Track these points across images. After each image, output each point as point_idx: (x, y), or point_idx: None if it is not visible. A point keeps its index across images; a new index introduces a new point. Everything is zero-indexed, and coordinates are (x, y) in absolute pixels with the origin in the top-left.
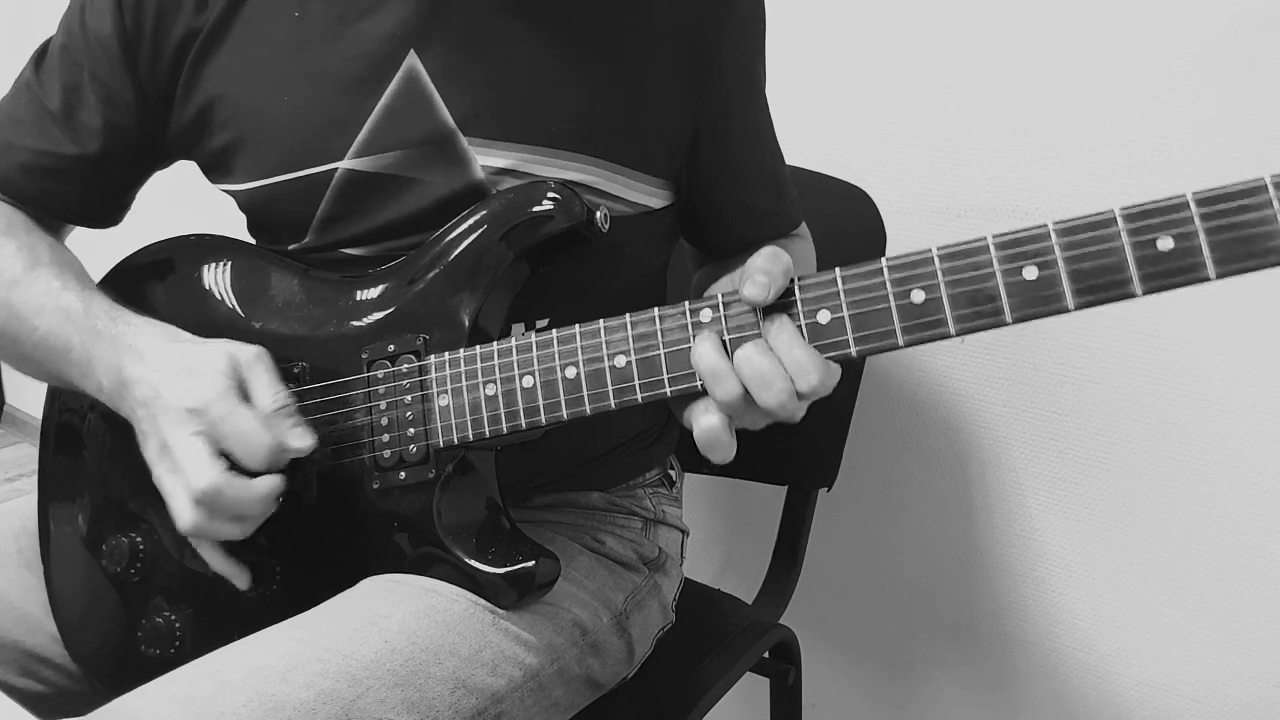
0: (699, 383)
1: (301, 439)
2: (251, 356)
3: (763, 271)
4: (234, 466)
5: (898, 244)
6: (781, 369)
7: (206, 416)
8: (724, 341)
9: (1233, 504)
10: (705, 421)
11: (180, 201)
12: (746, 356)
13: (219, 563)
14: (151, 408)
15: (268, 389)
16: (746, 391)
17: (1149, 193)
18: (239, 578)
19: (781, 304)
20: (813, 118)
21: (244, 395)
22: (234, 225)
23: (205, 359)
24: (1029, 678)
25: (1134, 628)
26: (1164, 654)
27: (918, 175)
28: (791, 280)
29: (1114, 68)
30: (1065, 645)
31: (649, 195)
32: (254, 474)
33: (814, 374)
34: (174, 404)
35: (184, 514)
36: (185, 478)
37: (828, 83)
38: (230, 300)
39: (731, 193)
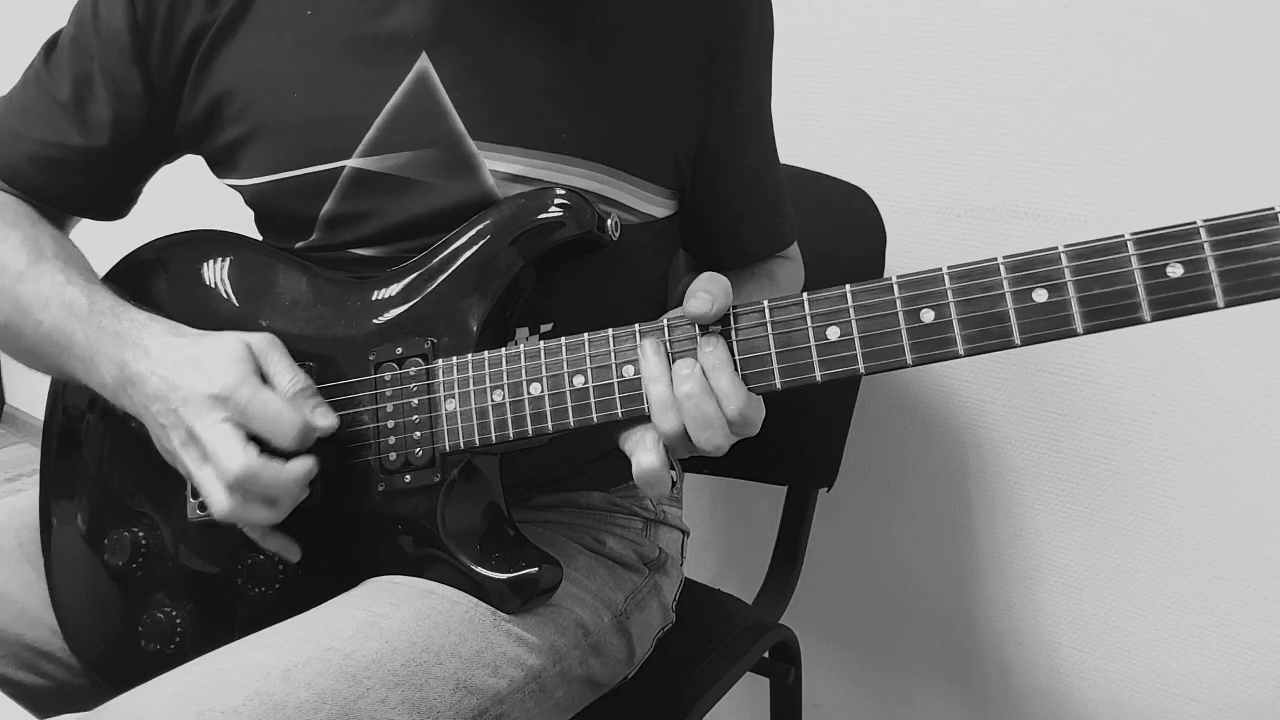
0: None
1: (326, 418)
2: (266, 343)
3: (705, 289)
4: (264, 451)
5: (898, 244)
6: (711, 394)
7: (232, 402)
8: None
9: (1233, 504)
10: (645, 460)
11: (183, 196)
12: (683, 376)
13: (266, 540)
14: (169, 400)
15: (286, 372)
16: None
17: (1149, 192)
18: (290, 550)
19: (718, 329)
20: (813, 117)
21: (263, 380)
22: (236, 221)
23: (218, 348)
24: (1029, 677)
25: (1134, 627)
26: (1164, 654)
27: (918, 175)
28: (745, 305)
29: (1114, 67)
30: (1065, 645)
31: (654, 205)
32: (285, 458)
33: (734, 401)
34: (196, 393)
35: (219, 501)
36: (218, 464)
37: (828, 82)
38: (237, 298)
39: (739, 205)
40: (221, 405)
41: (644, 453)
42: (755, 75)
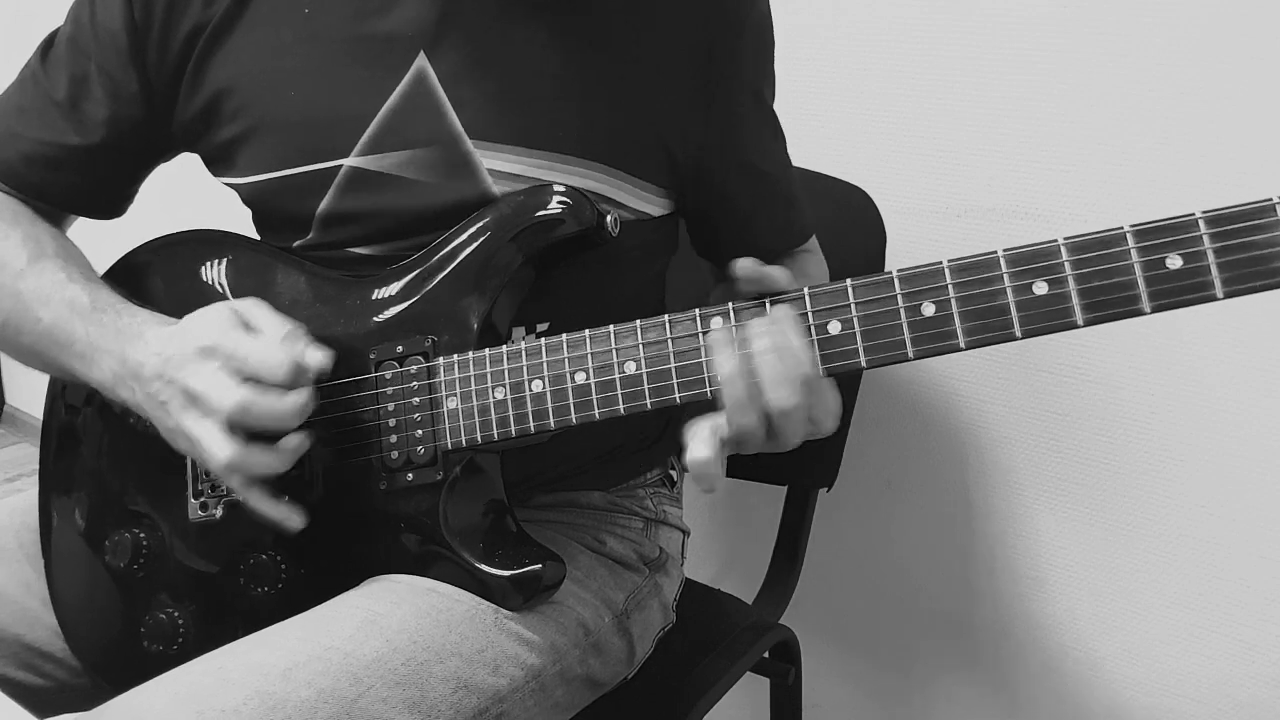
0: (708, 388)
1: (316, 355)
2: (249, 301)
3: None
4: None
5: (899, 244)
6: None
7: (221, 350)
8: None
9: (1233, 504)
10: (698, 452)
11: (181, 195)
12: (759, 335)
13: (267, 505)
14: (166, 373)
15: (272, 319)
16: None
17: (1149, 192)
18: (292, 518)
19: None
20: (813, 117)
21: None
22: (234, 220)
23: (203, 312)
24: (1029, 677)
25: (1134, 628)
26: (1164, 654)
27: (918, 175)
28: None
29: (1114, 67)
30: (1065, 645)
31: (650, 204)
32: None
33: (806, 363)
34: (186, 353)
35: (219, 449)
36: (213, 405)
37: (828, 83)
38: (235, 297)
39: (747, 203)
40: (211, 355)
41: (698, 444)
42: (755, 75)
